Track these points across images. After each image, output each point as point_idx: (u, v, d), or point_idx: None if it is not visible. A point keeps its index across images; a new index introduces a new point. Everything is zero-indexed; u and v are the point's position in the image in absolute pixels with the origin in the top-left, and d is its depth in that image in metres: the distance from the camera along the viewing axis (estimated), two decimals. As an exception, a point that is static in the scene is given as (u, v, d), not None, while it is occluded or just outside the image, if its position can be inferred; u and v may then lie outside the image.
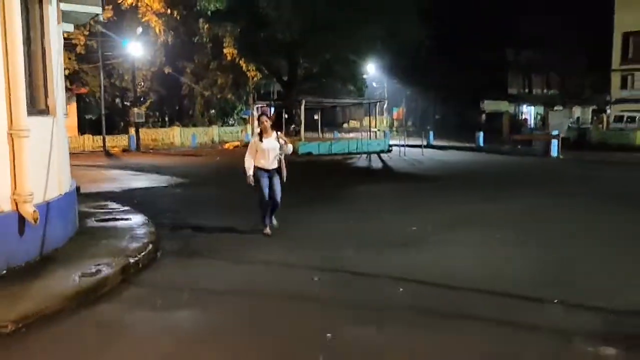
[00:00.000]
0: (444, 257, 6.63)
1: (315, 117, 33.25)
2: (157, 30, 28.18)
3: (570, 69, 42.05)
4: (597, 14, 37.92)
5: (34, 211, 5.69)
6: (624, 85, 35.99)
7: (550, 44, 40.45)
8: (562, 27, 38.60)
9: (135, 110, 28.39)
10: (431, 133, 30.98)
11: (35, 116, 6.06)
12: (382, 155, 24.72)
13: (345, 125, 44.65)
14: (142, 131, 29.64)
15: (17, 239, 5.67)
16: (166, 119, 37.78)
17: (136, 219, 8.47)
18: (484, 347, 4.04)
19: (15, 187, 5.63)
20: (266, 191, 7.55)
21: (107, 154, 25.90)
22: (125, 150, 27.37)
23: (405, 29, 27.58)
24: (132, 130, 28.69)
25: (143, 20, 28.05)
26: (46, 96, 6.59)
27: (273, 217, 7.79)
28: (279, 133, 7.74)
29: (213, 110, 38.30)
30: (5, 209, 5.56)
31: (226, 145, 30.13)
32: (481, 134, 28.49)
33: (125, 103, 35.97)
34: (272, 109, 39.16)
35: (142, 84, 34.14)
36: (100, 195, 11.30)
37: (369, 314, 4.73)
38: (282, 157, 7.64)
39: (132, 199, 10.84)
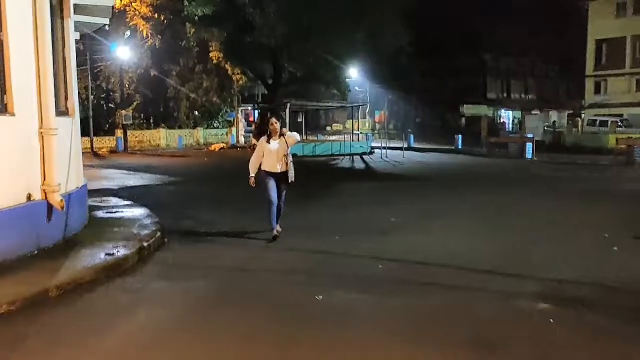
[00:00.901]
0: (417, 241, 7.64)
1: (299, 119, 34.22)
2: (145, 34, 28.89)
3: (547, 74, 43.62)
4: (572, 21, 39.58)
5: (61, 200, 6.56)
6: (597, 91, 37.61)
7: (528, 51, 41.96)
8: (539, 34, 40.16)
9: (123, 112, 29.09)
10: (412, 136, 32.16)
11: (58, 117, 6.92)
12: (364, 157, 25.77)
13: (328, 128, 45.68)
14: (129, 133, 30.32)
15: (46, 224, 6.53)
16: (151, 120, 38.40)
17: (140, 211, 9.34)
18: (442, 305, 5.04)
19: (44, 179, 6.49)
20: (273, 194, 7.48)
21: (95, 154, 26.55)
22: (112, 151, 28.04)
23: (387, 34, 28.79)
24: (119, 132, 29.35)
25: (130, 24, 28.74)
26: (66, 99, 7.46)
27: (279, 220, 7.68)
28: (286, 135, 7.61)
29: (197, 112, 39.01)
30: (37, 197, 6.42)
31: (212, 147, 30.93)
32: (460, 137, 29.73)
33: (110, 105, 36.53)
34: (257, 112, 40.06)
35: (128, 86, 34.76)
36: (99, 192, 12.09)
37: (353, 282, 5.70)
38: (291, 159, 7.54)
39: (131, 195, 11.66)
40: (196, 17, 26.31)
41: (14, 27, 6.00)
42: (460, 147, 29.05)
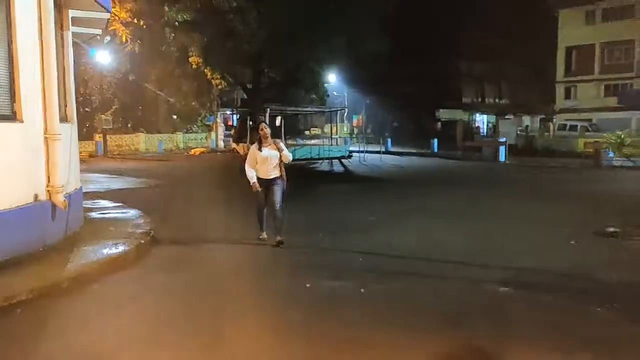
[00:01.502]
0: (393, 237, 8.33)
1: (277, 124, 34.84)
2: (124, 39, 29.22)
3: (520, 80, 44.97)
4: (543, 28, 40.96)
5: (64, 200, 7.10)
6: (567, 96, 39.03)
7: (501, 57, 43.24)
8: (512, 41, 41.43)
9: (103, 116, 29.34)
10: (389, 140, 33.01)
11: (60, 123, 7.45)
12: (343, 160, 26.50)
13: (306, 132, 46.41)
14: (107, 137, 30.56)
15: (51, 223, 7.05)
16: (129, 125, 38.61)
17: (131, 212, 9.87)
18: (415, 289, 5.74)
19: (49, 181, 7.02)
20: (263, 200, 7.59)
21: (75, 159, 26.74)
22: (92, 156, 28.27)
23: (365, 41, 29.64)
24: (98, 136, 29.59)
25: (110, 28, 29.03)
26: (65, 106, 7.99)
27: (280, 231, 7.54)
28: (277, 141, 7.65)
29: (175, 117, 39.36)
30: (42, 198, 6.94)
31: (192, 152, 31.36)
32: (436, 140, 30.69)
33: (87, 109, 36.64)
34: (236, 116, 40.53)
35: (106, 90, 34.96)
36: (87, 195, 12.54)
37: (337, 273, 6.35)
38: (283, 166, 7.59)
39: (119, 198, 12.14)
40: (176, 23, 26.80)
41: (23, 41, 6.53)
42: (436, 150, 30.00)
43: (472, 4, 40.96)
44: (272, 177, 7.56)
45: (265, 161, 7.49)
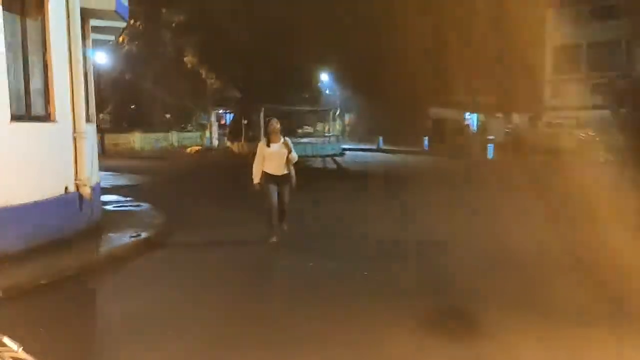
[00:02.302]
0: (384, 227, 9.32)
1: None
2: (121, 39, 30.01)
3: (509, 79, 46.04)
4: (532, 28, 42.06)
5: (90, 192, 8.00)
6: (555, 95, 40.19)
7: (491, 56, 44.26)
8: (500, 40, 42.46)
9: (101, 115, 30.10)
10: (381, 138, 34.01)
11: (85, 123, 8.35)
12: (336, 158, 27.46)
13: (299, 130, 47.30)
14: (104, 136, 31.32)
15: (79, 212, 7.95)
16: (124, 124, 39.35)
17: (144, 205, 10.76)
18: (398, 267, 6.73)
19: (77, 174, 7.92)
20: (274, 199, 7.57)
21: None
22: (89, 155, 29.02)
23: (357, 40, 30.66)
24: (98, 136, 30.35)
25: (107, 29, 29.82)
26: (87, 107, 8.87)
27: (283, 223, 7.83)
28: (286, 139, 7.71)
29: (169, 115, 40.15)
30: (71, 190, 7.84)
31: (188, 150, 32.14)
32: (426, 139, 31.73)
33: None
34: (229, 115, 41.35)
35: (102, 89, 35.69)
36: (97, 191, 13.44)
37: (336, 255, 7.32)
38: (291, 164, 7.66)
39: (126, 193, 13.03)
40: (173, 24, 27.67)
41: (55, 51, 7.43)
42: (426, 148, 31.04)
43: (461, 3, 42.08)
44: (281, 174, 7.59)
45: (274, 158, 7.53)
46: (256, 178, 7.59)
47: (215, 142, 37.45)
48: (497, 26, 40.74)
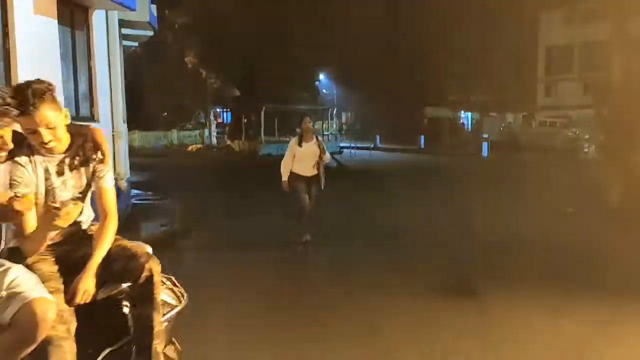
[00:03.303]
0: (385, 214, 10.41)
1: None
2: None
3: (504, 78, 47.26)
4: (525, 28, 43.27)
5: (127, 185, 9.04)
6: (548, 94, 41.46)
7: (485, 56, 45.46)
8: (495, 40, 43.66)
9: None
10: (378, 137, 35.13)
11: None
12: (333, 156, 28.50)
13: (297, 129, 48.33)
14: (107, 135, 32.23)
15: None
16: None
17: (165, 199, 11.79)
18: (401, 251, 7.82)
19: (115, 169, 8.95)
20: (304, 200, 7.49)
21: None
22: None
23: (354, 41, 31.77)
24: (100, 134, 31.23)
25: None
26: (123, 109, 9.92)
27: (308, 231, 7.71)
28: (319, 138, 7.63)
29: (166, 114, 41.08)
30: (111, 183, 8.87)
31: (189, 148, 33.13)
32: (422, 137, 32.88)
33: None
34: (227, 114, 42.30)
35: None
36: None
37: (340, 239, 8.39)
38: (322, 164, 7.55)
39: (144, 188, 14.03)
40: (175, 26, 28.66)
41: (98, 59, 8.47)
42: (422, 146, 32.17)
43: (456, 4, 43.22)
44: (310, 174, 7.51)
45: (304, 157, 7.45)
46: (285, 176, 7.53)
47: (215, 141, 38.44)
48: (491, 26, 41.95)
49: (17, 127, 2.58)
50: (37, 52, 7.04)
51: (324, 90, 43.01)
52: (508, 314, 5.22)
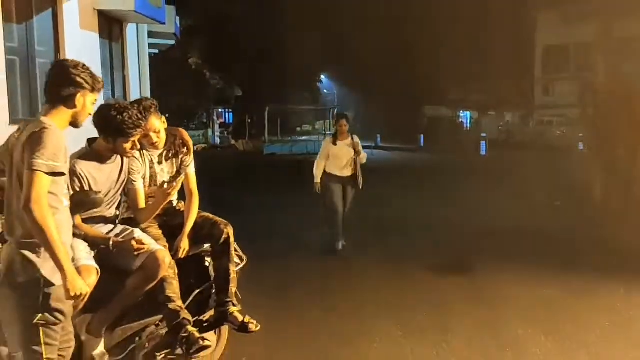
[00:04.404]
0: (397, 210, 11.48)
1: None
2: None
3: (502, 77, 48.33)
4: (524, 28, 44.32)
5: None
6: (545, 93, 42.54)
7: (484, 55, 46.54)
8: (494, 40, 44.72)
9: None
10: (379, 136, 36.20)
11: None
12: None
13: (298, 129, 49.47)
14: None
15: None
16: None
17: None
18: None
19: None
20: (338, 202, 7.26)
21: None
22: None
23: (354, 42, 32.86)
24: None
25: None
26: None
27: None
28: (354, 137, 7.35)
29: (167, 115, 42.09)
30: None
31: (195, 148, 34.09)
32: (422, 136, 33.96)
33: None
34: (230, 114, 43.37)
35: (107, 90, 37.60)
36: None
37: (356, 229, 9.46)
38: (359, 164, 7.34)
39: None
40: (181, 28, 29.67)
41: (131, 68, 9.53)
42: (422, 145, 33.25)
43: (454, 4, 44.27)
44: (346, 175, 7.33)
45: (340, 157, 7.27)
46: (317, 177, 7.33)
47: (218, 140, 39.50)
48: (489, 26, 43.02)
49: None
50: (83, 61, 8.08)
51: (325, 91, 44.08)
52: (498, 284, 6.33)
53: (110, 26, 8.93)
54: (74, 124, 2.81)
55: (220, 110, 48.53)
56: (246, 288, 4.13)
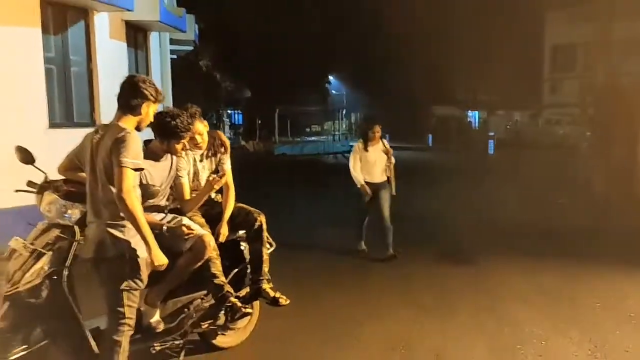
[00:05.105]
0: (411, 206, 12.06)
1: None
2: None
3: (511, 77, 48.74)
4: (532, 27, 44.72)
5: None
6: (553, 92, 42.94)
7: (492, 54, 46.98)
8: (502, 39, 45.15)
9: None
10: (387, 135, 36.74)
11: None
12: (345, 155, 30.19)
13: (307, 129, 50.17)
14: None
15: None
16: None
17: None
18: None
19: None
20: (368, 208, 7.34)
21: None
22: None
23: (364, 42, 33.43)
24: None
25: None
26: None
27: (388, 243, 7.28)
28: (384, 141, 7.29)
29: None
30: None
31: (205, 149, 34.83)
32: (431, 136, 34.52)
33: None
34: (239, 115, 44.09)
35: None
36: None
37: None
38: (392, 168, 7.24)
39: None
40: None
41: (154, 71, 10.19)
42: (431, 145, 33.81)
43: (462, 3, 44.73)
44: (379, 180, 7.26)
45: (372, 162, 7.22)
46: (360, 179, 7.22)
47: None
48: (497, 26, 43.45)
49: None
50: (111, 69, 8.77)
51: (333, 92, 44.72)
52: (499, 272, 6.94)
53: (135, 35, 9.60)
54: (138, 128, 3.45)
55: (229, 111, 49.24)
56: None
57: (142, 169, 3.27)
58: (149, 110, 3.46)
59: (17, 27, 7.19)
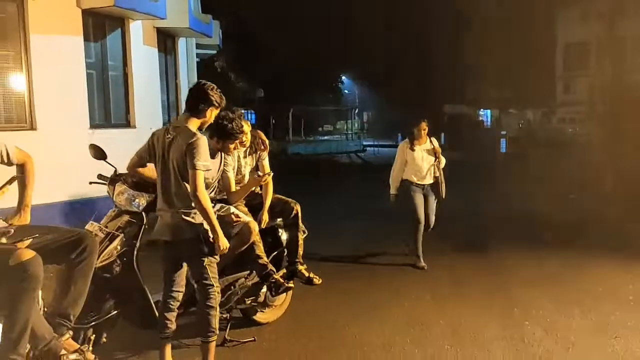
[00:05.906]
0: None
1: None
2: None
3: (523, 75, 49.01)
4: (545, 26, 44.99)
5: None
6: (566, 91, 43.22)
7: (505, 53, 47.28)
8: (515, 38, 45.47)
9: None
10: (399, 134, 37.26)
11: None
12: (358, 154, 30.78)
13: (320, 129, 50.78)
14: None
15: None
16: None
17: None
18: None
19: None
20: (420, 210, 6.73)
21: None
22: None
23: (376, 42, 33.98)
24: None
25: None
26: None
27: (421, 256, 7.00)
28: (432, 140, 6.89)
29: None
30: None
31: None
32: (443, 134, 34.93)
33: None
34: (253, 115, 44.71)
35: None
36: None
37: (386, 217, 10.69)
38: (440, 170, 6.83)
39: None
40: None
41: (181, 77, 10.85)
42: (443, 143, 34.18)
43: (475, 2, 45.10)
44: (428, 182, 6.86)
45: (419, 162, 6.82)
46: (393, 187, 6.92)
47: (240, 141, 40.84)
48: (510, 24, 43.78)
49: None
50: (144, 73, 9.44)
51: (346, 91, 45.30)
52: (509, 260, 7.54)
53: (165, 41, 10.24)
54: (200, 129, 4.06)
55: (242, 111, 49.77)
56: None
57: (210, 169, 3.89)
58: (212, 115, 4.06)
59: (62, 35, 7.86)
